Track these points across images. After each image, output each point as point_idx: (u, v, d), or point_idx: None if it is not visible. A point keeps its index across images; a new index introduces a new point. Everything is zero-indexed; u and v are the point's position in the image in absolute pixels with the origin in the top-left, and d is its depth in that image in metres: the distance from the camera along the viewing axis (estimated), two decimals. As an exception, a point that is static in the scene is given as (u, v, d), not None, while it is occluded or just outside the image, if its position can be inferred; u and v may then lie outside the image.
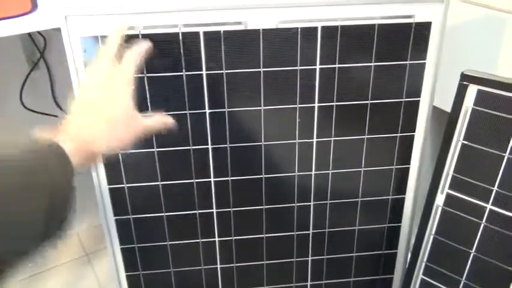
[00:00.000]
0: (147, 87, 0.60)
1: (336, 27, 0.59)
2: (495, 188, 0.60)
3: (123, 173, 0.65)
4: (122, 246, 0.70)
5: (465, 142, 0.61)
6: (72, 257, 1.20)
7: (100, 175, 0.65)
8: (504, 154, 0.58)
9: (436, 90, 0.67)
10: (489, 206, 0.61)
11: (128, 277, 0.72)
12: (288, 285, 0.76)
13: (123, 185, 0.66)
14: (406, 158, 0.69)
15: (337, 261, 0.76)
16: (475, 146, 0.60)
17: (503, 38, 0.69)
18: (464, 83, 0.59)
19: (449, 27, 0.75)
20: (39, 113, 1.23)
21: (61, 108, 1.27)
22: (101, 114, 0.49)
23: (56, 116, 1.25)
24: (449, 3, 0.60)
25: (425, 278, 0.70)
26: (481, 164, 0.61)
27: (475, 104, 0.59)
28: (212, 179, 0.67)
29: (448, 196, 0.64)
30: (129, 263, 0.71)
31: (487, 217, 0.62)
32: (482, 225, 0.62)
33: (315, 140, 0.66)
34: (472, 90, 0.59)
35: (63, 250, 1.22)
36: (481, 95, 0.58)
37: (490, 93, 0.58)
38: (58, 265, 1.15)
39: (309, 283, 0.77)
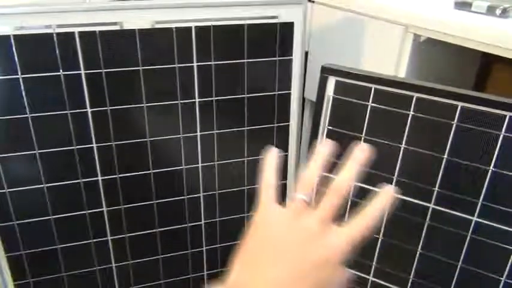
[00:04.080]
0: (23, 89, 0.60)
1: (209, 27, 0.64)
2: (357, 166, 0.69)
3: (3, 178, 0.63)
4: (8, 255, 0.68)
5: (330, 127, 0.69)
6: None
7: (-22, 182, 0.63)
8: (361, 135, 0.67)
9: (307, 83, 0.75)
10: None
11: (16, 286, 0.70)
12: (185, 276, 0.79)
13: (5, 190, 0.64)
14: (284, 145, 0.76)
15: (231, 249, 0.80)
16: (338, 130, 0.69)
17: (361, 37, 0.79)
18: (324, 75, 0.67)
19: (316, 27, 0.84)
20: None
21: None
22: None
23: None
24: (307, 6, 0.67)
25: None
26: (345, 146, 0.69)
27: (334, 93, 0.67)
28: (100, 178, 0.68)
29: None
30: (17, 271, 0.69)
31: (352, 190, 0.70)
32: (349, 200, 0.71)
33: (198, 133, 0.70)
34: (331, 81, 0.67)
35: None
36: (339, 84, 0.67)
37: (345, 83, 0.66)
38: None
39: (205, 272, 0.80)
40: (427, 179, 0.64)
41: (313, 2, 0.83)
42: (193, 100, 0.68)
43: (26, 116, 0.61)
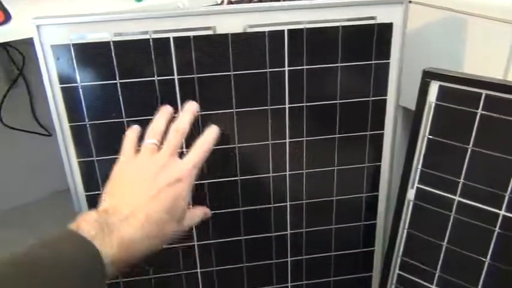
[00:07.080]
0: (120, 93, 0.61)
1: (302, 30, 0.62)
2: (461, 180, 0.62)
3: (99, 179, 0.66)
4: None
5: (431, 137, 0.63)
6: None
7: (77, 183, 0.66)
8: (468, 146, 0.61)
9: (401, 89, 0.70)
10: (457, 198, 0.63)
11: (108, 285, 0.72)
12: (268, 287, 0.77)
13: (100, 192, 0.66)
14: (377, 155, 0.71)
15: (316, 261, 0.77)
16: (440, 140, 0.63)
17: (463, 37, 0.73)
18: (426, 79, 0.61)
19: (413, 29, 0.78)
20: (19, 130, 1.23)
21: (41, 125, 1.27)
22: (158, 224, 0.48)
23: (36, 133, 1.25)
24: (408, 5, 0.63)
25: (401, 273, 0.72)
26: (447, 157, 0.63)
27: (437, 100, 0.62)
28: (188, 183, 0.68)
29: (418, 190, 0.66)
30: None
31: (456, 209, 0.64)
32: (452, 216, 0.64)
33: (287, 140, 0.68)
34: (434, 87, 0.61)
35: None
36: (443, 90, 0.61)
37: (451, 88, 0.60)
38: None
39: (289, 284, 0.78)
40: (548, 197, 0.56)
41: (410, 1, 0.77)
42: (284, 106, 0.65)
43: (122, 120, 0.63)
